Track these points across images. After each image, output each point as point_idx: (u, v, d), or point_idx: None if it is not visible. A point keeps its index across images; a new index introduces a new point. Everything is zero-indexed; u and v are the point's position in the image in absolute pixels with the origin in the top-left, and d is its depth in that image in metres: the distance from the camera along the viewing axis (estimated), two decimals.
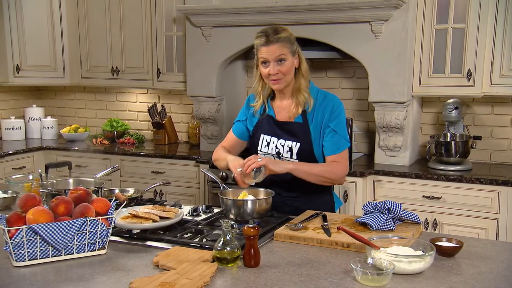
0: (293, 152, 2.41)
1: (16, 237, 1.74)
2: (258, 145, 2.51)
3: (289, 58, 2.34)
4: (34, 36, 4.78)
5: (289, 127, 2.44)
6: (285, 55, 2.33)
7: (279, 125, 2.46)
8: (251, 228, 1.77)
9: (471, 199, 3.41)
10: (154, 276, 1.64)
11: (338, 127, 2.40)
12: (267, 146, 2.48)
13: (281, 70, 2.34)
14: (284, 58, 2.33)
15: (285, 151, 2.43)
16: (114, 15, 4.65)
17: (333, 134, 2.39)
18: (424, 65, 3.70)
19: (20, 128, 5.02)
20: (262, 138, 2.50)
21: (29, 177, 2.73)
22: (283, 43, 2.33)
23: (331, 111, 2.40)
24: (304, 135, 2.41)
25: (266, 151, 2.48)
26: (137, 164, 4.38)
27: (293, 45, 2.37)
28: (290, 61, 2.35)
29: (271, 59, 2.33)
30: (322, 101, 2.43)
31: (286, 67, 2.34)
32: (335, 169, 2.39)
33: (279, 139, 2.45)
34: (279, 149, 2.45)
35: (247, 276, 1.71)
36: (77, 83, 4.96)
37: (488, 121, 3.90)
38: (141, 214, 2.09)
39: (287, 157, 2.42)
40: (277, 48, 2.32)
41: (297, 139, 2.41)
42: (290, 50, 2.34)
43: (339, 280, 1.66)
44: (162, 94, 4.97)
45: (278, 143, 2.45)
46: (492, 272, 1.73)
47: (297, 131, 2.42)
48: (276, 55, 2.32)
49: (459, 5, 3.58)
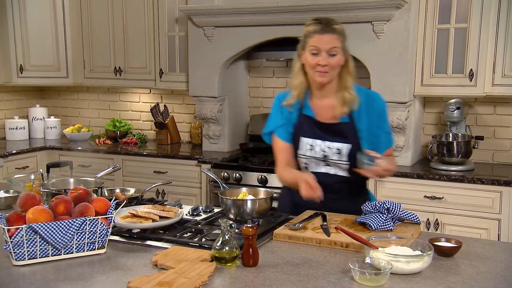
0: (343, 154, 2.29)
1: (16, 236, 1.75)
2: (299, 149, 2.35)
3: (340, 52, 2.22)
4: (38, 36, 4.80)
5: (335, 128, 2.30)
6: (337, 48, 2.20)
7: (323, 126, 2.32)
8: (250, 228, 1.78)
9: (473, 199, 3.40)
10: (152, 276, 1.65)
11: (386, 125, 2.36)
12: (310, 149, 2.33)
13: (331, 62, 2.20)
14: (337, 51, 2.21)
15: (332, 153, 2.31)
16: (117, 15, 4.67)
17: (383, 133, 2.34)
18: (426, 65, 3.69)
19: (23, 128, 5.05)
20: (304, 142, 2.34)
21: (30, 177, 2.74)
22: (338, 35, 2.21)
23: (380, 112, 2.33)
24: (353, 135, 2.29)
25: (310, 155, 2.34)
26: (140, 164, 4.39)
27: (345, 40, 2.25)
28: (340, 56, 2.23)
29: (323, 49, 2.19)
30: (367, 100, 2.31)
31: (336, 61, 2.22)
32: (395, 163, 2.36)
33: (324, 141, 2.31)
34: (325, 152, 2.31)
35: (245, 275, 1.71)
36: (80, 83, 4.98)
37: (491, 121, 3.89)
38: (141, 213, 2.10)
39: (334, 159, 2.31)
40: (332, 39, 2.19)
41: (347, 140, 2.29)
42: (342, 44, 2.23)
43: (337, 279, 1.67)
44: (164, 94, 4.98)
45: (324, 146, 2.31)
46: (491, 272, 1.73)
47: (345, 132, 2.30)
48: (331, 46, 2.19)
49: (461, 5, 3.57)
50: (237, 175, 3.81)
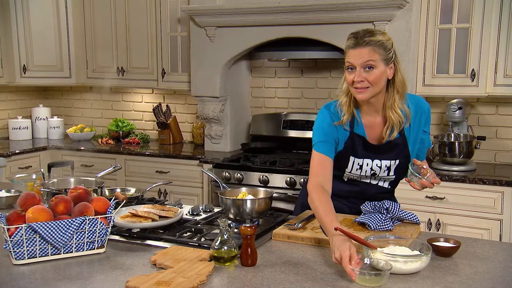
0: (391, 169, 2.22)
1: (16, 236, 1.76)
2: (347, 167, 2.24)
3: (380, 66, 2.03)
4: (41, 36, 4.82)
5: (385, 147, 2.19)
6: (375, 61, 2.02)
7: (373, 147, 2.20)
8: (248, 228, 1.78)
9: (475, 199, 3.40)
10: (151, 275, 1.66)
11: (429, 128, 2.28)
12: (359, 169, 2.23)
13: (368, 78, 2.03)
14: (373, 65, 2.02)
15: (382, 171, 2.23)
16: (120, 15, 4.68)
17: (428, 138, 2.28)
18: (428, 65, 3.69)
19: (26, 128, 5.07)
20: (353, 161, 2.22)
21: (32, 176, 2.75)
22: (374, 47, 2.02)
23: (426, 117, 2.23)
24: (403, 150, 2.20)
25: (358, 174, 2.24)
26: (142, 163, 4.40)
27: (388, 52, 2.06)
28: (381, 69, 2.04)
29: (357, 64, 2.03)
30: (415, 109, 2.20)
31: (374, 76, 2.03)
32: None
33: (373, 160, 2.21)
34: (375, 171, 2.23)
35: (243, 275, 1.72)
36: (83, 83, 4.99)
37: (493, 121, 3.89)
38: (140, 213, 2.11)
39: (383, 176, 2.24)
40: (366, 52, 2.02)
41: (396, 156, 2.20)
42: (382, 57, 2.03)
43: (335, 280, 1.67)
44: (167, 94, 4.99)
45: (373, 165, 2.21)
46: (489, 273, 1.73)
47: (395, 149, 2.20)
48: (364, 60, 2.02)
49: (463, 5, 3.57)
50: (239, 175, 3.81)
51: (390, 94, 2.13)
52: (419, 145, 2.26)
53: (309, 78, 4.39)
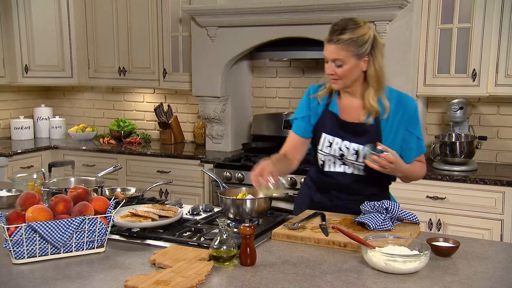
0: (359, 155, 2.23)
1: (15, 235, 1.77)
2: (319, 144, 2.32)
3: (350, 61, 2.13)
4: (43, 36, 4.84)
5: (358, 128, 2.25)
6: (342, 59, 2.12)
7: (345, 125, 2.27)
8: (247, 227, 1.78)
9: (475, 199, 3.39)
10: (150, 274, 1.66)
11: (418, 131, 2.27)
12: (329, 147, 2.29)
13: (337, 72, 2.16)
14: (341, 63, 2.14)
15: (350, 153, 2.25)
16: (121, 15, 4.69)
17: (415, 139, 2.26)
18: (429, 65, 3.69)
19: (28, 127, 5.08)
20: (324, 138, 2.30)
21: (33, 176, 2.76)
22: (343, 45, 2.11)
23: (410, 115, 2.24)
24: (374, 138, 2.20)
25: (328, 152, 2.30)
26: (143, 163, 4.41)
27: (360, 47, 2.11)
28: (351, 64, 2.14)
29: (328, 59, 2.16)
30: (397, 103, 2.23)
31: (342, 71, 2.15)
32: (423, 170, 2.34)
33: (343, 140, 2.26)
34: (343, 151, 2.27)
35: (242, 274, 1.72)
36: (85, 83, 5.00)
37: (494, 121, 3.88)
38: (140, 213, 2.11)
39: (351, 160, 2.26)
40: (334, 50, 2.12)
41: (366, 141, 2.19)
42: (353, 53, 2.11)
43: (334, 279, 1.67)
44: (168, 94, 5.00)
45: (342, 145, 2.26)
46: (488, 272, 1.73)
47: (366, 133, 2.23)
48: (332, 57, 2.14)
49: (464, 5, 3.56)
50: (239, 175, 3.82)
51: (365, 84, 2.22)
52: (402, 144, 2.25)
53: (310, 78, 4.39)
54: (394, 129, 2.23)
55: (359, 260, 1.82)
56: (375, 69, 2.17)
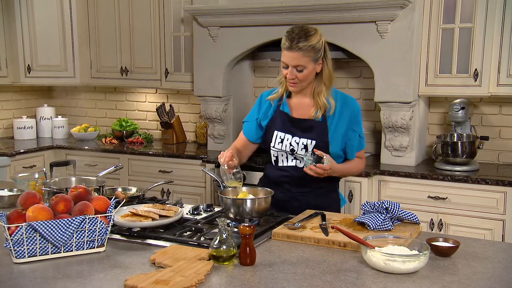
0: (308, 149, 2.41)
1: (16, 234, 1.78)
2: (271, 141, 2.50)
3: (309, 66, 2.34)
4: (45, 36, 4.85)
5: (306, 124, 2.44)
6: (304, 65, 2.33)
7: (295, 122, 2.47)
8: (247, 227, 1.79)
9: (477, 199, 3.39)
10: (149, 274, 1.66)
11: (360, 129, 2.51)
12: (280, 143, 2.48)
13: (298, 76, 2.36)
14: (302, 68, 2.34)
15: (299, 148, 2.44)
16: (123, 15, 4.70)
17: (357, 137, 2.49)
18: (431, 65, 3.68)
19: (31, 127, 5.09)
20: (276, 135, 2.49)
21: (35, 176, 2.77)
22: (304, 52, 2.31)
23: (354, 115, 2.47)
24: (321, 134, 2.42)
25: (280, 148, 2.48)
26: (145, 163, 4.42)
27: (317, 53, 2.34)
28: (310, 69, 2.35)
29: (290, 65, 2.34)
30: (342, 104, 2.46)
31: (303, 75, 2.36)
32: (360, 166, 2.59)
33: (293, 136, 2.45)
34: (293, 146, 2.45)
35: (242, 274, 1.72)
36: (87, 83, 5.01)
37: (496, 121, 3.87)
38: (140, 212, 2.12)
39: (301, 154, 2.43)
40: (297, 56, 2.31)
41: (313, 136, 2.42)
42: (312, 58, 2.33)
43: (333, 279, 1.67)
44: (170, 94, 5.01)
45: (292, 140, 2.45)
46: (488, 272, 1.73)
47: (313, 129, 2.43)
48: (295, 63, 2.33)
49: (466, 5, 3.56)
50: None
51: (318, 83, 2.42)
52: (346, 141, 2.47)
53: None
54: (339, 126, 2.44)
55: (359, 260, 1.82)
56: (328, 70, 2.41)
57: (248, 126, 2.63)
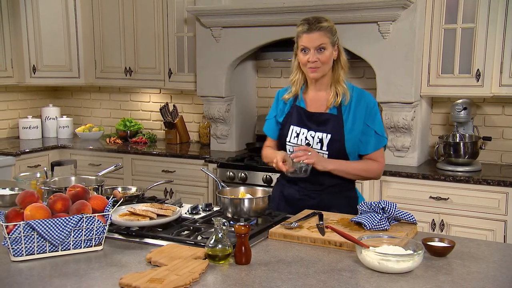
0: (324, 143, 2.41)
1: (14, 233, 1.79)
2: (288, 136, 2.50)
3: (329, 48, 2.38)
4: (50, 37, 4.89)
5: (321, 118, 2.44)
6: (326, 44, 2.37)
7: (310, 116, 2.47)
8: (242, 226, 1.79)
9: (479, 200, 3.38)
10: (144, 272, 1.67)
11: (377, 125, 2.44)
12: (296, 137, 2.47)
13: (320, 58, 2.37)
14: (324, 47, 2.37)
15: (315, 142, 2.43)
16: (127, 16, 4.73)
17: (372, 133, 2.43)
18: (433, 65, 3.68)
19: (36, 127, 5.13)
20: (292, 129, 2.49)
21: (36, 175, 2.80)
22: (325, 32, 2.37)
23: (369, 109, 2.43)
24: (336, 127, 2.41)
25: (295, 142, 2.47)
26: (148, 163, 4.44)
27: (334, 36, 2.40)
28: (330, 51, 2.39)
29: (311, 46, 2.36)
30: (358, 97, 2.44)
31: (325, 56, 2.37)
32: (372, 167, 2.47)
33: (309, 130, 2.45)
34: (308, 141, 2.44)
35: (237, 273, 1.73)
36: (92, 83, 5.05)
37: (499, 121, 3.86)
38: (138, 211, 2.13)
39: (317, 148, 2.42)
40: (318, 36, 2.36)
41: (329, 130, 2.41)
42: (330, 40, 2.38)
43: (327, 278, 1.68)
44: (174, 94, 5.03)
45: (308, 135, 2.45)
46: (482, 272, 1.73)
47: (329, 122, 2.43)
48: (317, 43, 2.36)
49: (468, 5, 3.55)
50: (243, 174, 3.83)
51: (337, 71, 2.45)
52: (361, 137, 2.44)
53: None
54: (356, 120, 2.42)
55: (354, 260, 1.82)
56: (344, 56, 2.45)
57: (268, 124, 2.67)
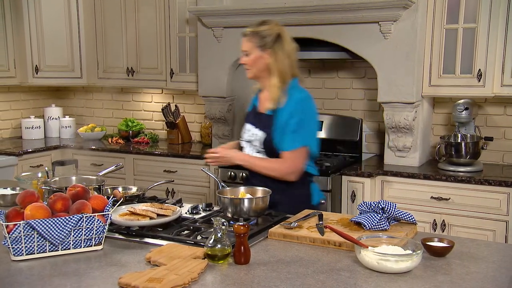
0: (260, 141, 2.59)
1: (14, 232, 1.80)
2: (242, 132, 2.73)
3: (254, 52, 2.54)
4: (53, 37, 4.90)
5: (261, 117, 2.63)
6: (249, 50, 2.56)
7: (256, 114, 2.68)
8: (241, 226, 1.80)
9: (480, 200, 3.38)
10: (143, 272, 1.68)
11: (300, 124, 2.50)
12: (245, 134, 2.69)
13: (245, 61, 2.59)
14: (247, 53, 2.57)
15: (256, 140, 2.61)
16: (129, 17, 4.74)
17: (292, 131, 2.50)
18: (434, 65, 3.68)
19: (39, 127, 5.15)
20: (245, 126, 2.71)
21: (38, 175, 2.80)
22: (250, 37, 2.56)
23: (294, 107, 2.51)
24: (268, 126, 2.57)
25: (243, 138, 2.70)
26: (150, 163, 4.45)
27: (263, 39, 2.52)
28: (256, 55, 2.54)
29: (242, 50, 2.61)
30: (290, 97, 2.54)
31: (249, 60, 2.57)
32: (276, 166, 2.54)
33: (255, 127, 2.64)
34: (251, 137, 2.64)
35: (235, 273, 1.74)
36: (94, 83, 5.06)
37: (501, 122, 3.85)
38: (138, 211, 2.14)
39: (256, 145, 2.61)
40: (244, 41, 2.59)
41: (264, 129, 2.59)
42: (257, 44, 2.53)
43: (325, 278, 1.68)
44: (176, 94, 5.03)
45: (253, 132, 2.64)
46: (481, 273, 1.73)
47: (264, 122, 2.60)
48: (243, 48, 2.59)
49: (469, 5, 3.55)
50: (244, 174, 3.83)
51: (271, 76, 2.55)
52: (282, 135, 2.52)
53: (317, 79, 4.39)
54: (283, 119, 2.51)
55: (353, 260, 1.83)
56: (276, 61, 2.51)
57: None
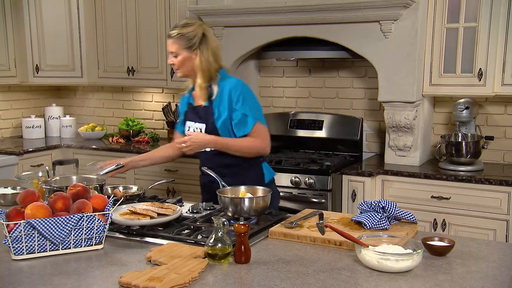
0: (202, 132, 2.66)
1: (15, 231, 1.81)
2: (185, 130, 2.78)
3: (182, 53, 2.60)
4: (53, 37, 4.90)
5: (198, 110, 2.71)
6: (175, 52, 2.60)
7: (193, 110, 2.74)
8: (242, 225, 1.80)
9: (481, 199, 3.37)
10: (144, 271, 1.68)
11: (246, 107, 2.60)
12: (188, 130, 2.74)
13: (174, 62, 2.64)
14: (174, 54, 2.62)
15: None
16: (130, 16, 4.73)
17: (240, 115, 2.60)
18: (435, 64, 3.67)
19: (40, 126, 5.14)
20: (187, 124, 2.77)
21: (38, 174, 2.81)
22: (175, 39, 2.60)
23: (232, 95, 2.60)
24: (208, 117, 2.65)
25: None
26: None
27: (190, 41, 2.58)
28: (184, 56, 2.60)
29: (169, 51, 2.65)
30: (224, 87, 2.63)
31: (177, 61, 2.62)
32: (251, 143, 2.64)
33: (195, 123, 2.72)
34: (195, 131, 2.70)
35: (236, 272, 1.74)
36: (94, 82, 5.05)
37: (501, 121, 3.85)
38: (139, 210, 2.14)
39: None
40: (170, 43, 2.62)
41: (203, 121, 2.67)
42: (183, 46, 2.59)
43: (326, 277, 1.68)
44: (177, 93, 5.02)
45: (194, 127, 2.71)
46: (481, 272, 1.73)
47: (202, 114, 2.68)
48: (170, 50, 2.63)
49: (470, 4, 3.54)
50: None
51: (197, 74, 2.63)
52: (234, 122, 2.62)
53: (317, 78, 4.39)
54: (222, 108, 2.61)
55: (353, 259, 1.83)
56: (201, 61, 2.60)
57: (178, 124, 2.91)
